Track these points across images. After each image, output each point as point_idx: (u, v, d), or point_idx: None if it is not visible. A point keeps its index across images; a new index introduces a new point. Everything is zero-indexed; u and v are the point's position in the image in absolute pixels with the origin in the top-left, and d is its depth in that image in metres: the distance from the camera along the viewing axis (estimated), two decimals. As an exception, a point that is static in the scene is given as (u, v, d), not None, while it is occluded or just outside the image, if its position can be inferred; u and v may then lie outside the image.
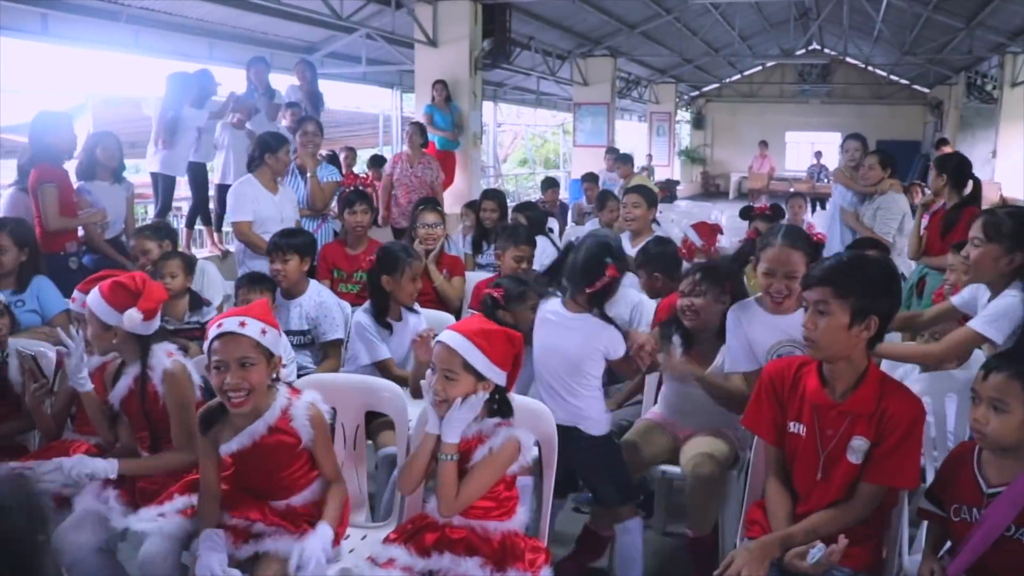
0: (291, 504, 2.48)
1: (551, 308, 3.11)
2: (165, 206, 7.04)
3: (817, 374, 2.36)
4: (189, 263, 4.14)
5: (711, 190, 24.51)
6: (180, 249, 4.89)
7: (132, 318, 2.63)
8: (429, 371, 2.41)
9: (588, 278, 2.96)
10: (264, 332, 2.37)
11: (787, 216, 7.48)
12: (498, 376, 2.37)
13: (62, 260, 4.77)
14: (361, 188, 5.39)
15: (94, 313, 2.68)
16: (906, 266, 5.24)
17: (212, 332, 2.36)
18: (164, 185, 7.02)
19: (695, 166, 25.61)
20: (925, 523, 2.46)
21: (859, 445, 2.27)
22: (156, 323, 2.75)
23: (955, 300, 3.09)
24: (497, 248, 4.52)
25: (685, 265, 4.04)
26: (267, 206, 5.09)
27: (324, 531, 2.40)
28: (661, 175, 19.87)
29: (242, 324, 2.35)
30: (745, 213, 5.60)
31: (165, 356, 2.69)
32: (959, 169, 4.79)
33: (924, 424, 2.35)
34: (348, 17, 9.56)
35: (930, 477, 2.67)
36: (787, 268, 2.91)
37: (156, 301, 2.71)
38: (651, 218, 5.21)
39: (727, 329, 3.12)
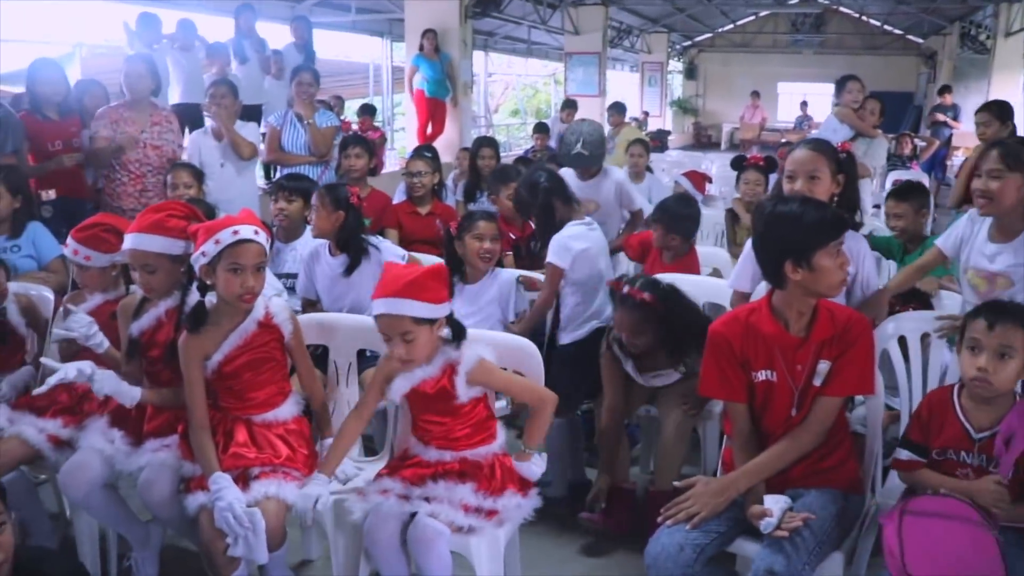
0: (271, 424, 2.58)
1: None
2: None
3: (771, 317, 2.39)
4: (209, 216, 4.11)
5: (703, 141, 24.43)
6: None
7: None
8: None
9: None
10: (267, 241, 2.56)
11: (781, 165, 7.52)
12: (443, 310, 2.43)
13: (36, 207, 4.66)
14: (359, 134, 5.41)
15: (162, 253, 2.63)
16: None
17: (227, 238, 2.44)
18: None
19: (687, 116, 25.48)
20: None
21: (823, 368, 2.35)
22: None
23: (938, 242, 3.06)
24: (490, 193, 4.56)
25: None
26: (206, 153, 5.24)
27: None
28: (653, 125, 19.82)
29: (256, 232, 2.50)
30: (737, 163, 5.55)
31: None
32: (1003, 110, 4.89)
33: (872, 333, 2.44)
34: (337, -37, 9.44)
35: (903, 418, 2.75)
36: (809, 168, 2.75)
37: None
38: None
39: (744, 251, 3.08)
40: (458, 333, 2.47)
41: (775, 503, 2.24)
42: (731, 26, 25.01)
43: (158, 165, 4.97)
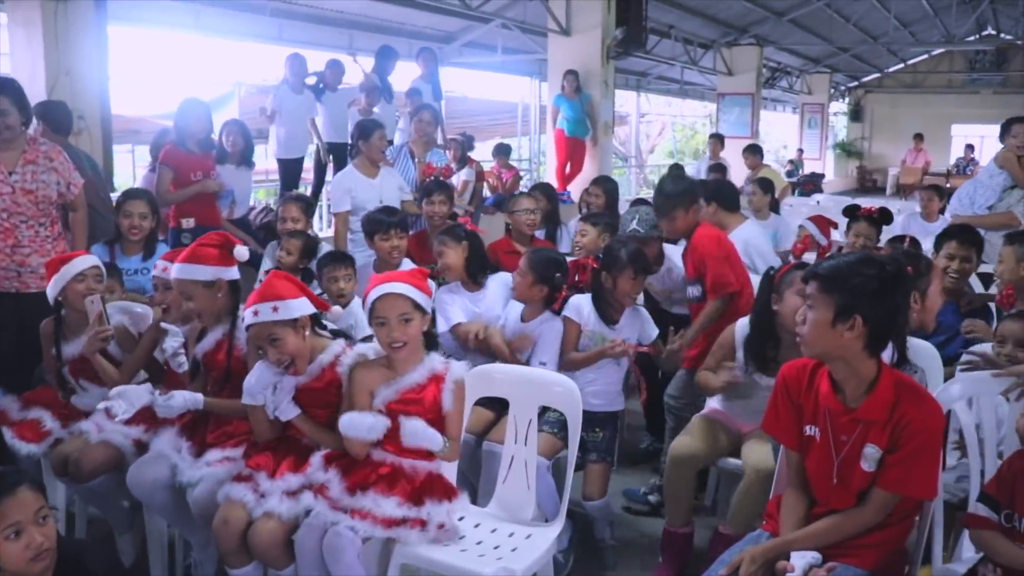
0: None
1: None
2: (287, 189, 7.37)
3: (829, 378, 2.29)
4: (309, 246, 4.32)
5: (867, 185, 23.36)
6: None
7: (240, 253, 2.92)
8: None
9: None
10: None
11: (918, 209, 7.11)
12: (429, 305, 2.69)
13: (176, 234, 5.14)
14: (442, 179, 5.42)
15: (194, 278, 2.86)
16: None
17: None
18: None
19: (851, 160, 24.51)
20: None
21: (871, 453, 2.20)
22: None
23: None
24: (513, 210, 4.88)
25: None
26: (364, 191, 5.27)
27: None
28: (811, 169, 19.21)
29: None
30: (850, 211, 5.08)
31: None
32: None
33: (942, 432, 2.26)
34: (479, 7, 9.73)
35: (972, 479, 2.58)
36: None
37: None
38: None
39: None
40: (431, 343, 2.71)
41: (800, 559, 2.16)
42: (901, 65, 23.92)
43: (33, 214, 3.85)
